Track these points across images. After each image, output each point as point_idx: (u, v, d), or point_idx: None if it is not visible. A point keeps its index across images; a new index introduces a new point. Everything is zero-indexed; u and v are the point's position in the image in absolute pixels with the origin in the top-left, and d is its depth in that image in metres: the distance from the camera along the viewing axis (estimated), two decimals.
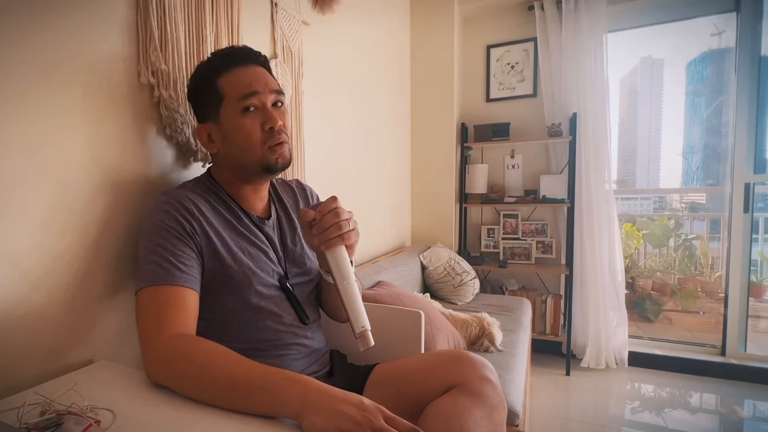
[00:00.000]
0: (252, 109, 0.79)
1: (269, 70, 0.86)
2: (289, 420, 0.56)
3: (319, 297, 0.98)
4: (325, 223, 0.73)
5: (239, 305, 0.79)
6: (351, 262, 0.77)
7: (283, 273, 0.87)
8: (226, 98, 0.79)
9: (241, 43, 1.08)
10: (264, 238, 0.86)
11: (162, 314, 0.67)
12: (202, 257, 0.76)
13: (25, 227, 0.67)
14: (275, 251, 0.87)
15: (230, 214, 0.83)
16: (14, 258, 0.66)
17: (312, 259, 0.94)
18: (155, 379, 0.64)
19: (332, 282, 0.78)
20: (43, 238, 0.69)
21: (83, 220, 0.75)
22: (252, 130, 0.79)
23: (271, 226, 0.90)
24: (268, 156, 0.81)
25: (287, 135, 0.83)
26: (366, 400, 0.55)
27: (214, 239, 0.77)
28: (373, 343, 0.70)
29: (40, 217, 0.69)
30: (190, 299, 0.71)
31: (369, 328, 0.70)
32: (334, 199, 0.75)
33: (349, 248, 0.77)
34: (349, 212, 0.76)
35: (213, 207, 0.81)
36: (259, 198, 0.90)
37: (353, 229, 0.76)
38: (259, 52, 0.85)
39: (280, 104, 0.83)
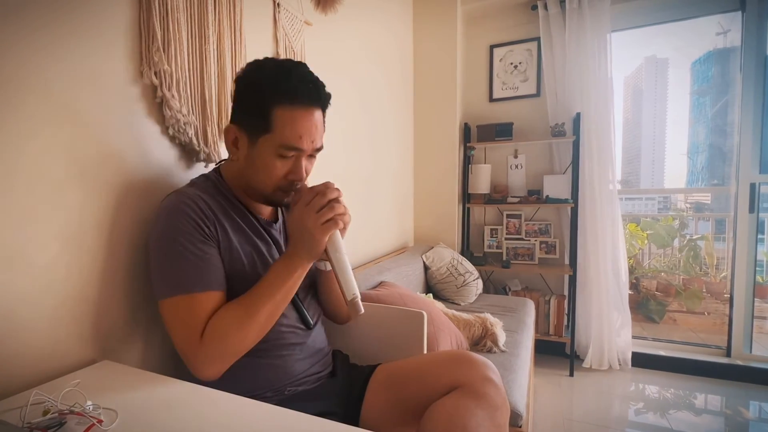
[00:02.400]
0: (288, 157, 0.78)
1: (325, 111, 0.83)
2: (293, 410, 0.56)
3: (318, 297, 0.98)
4: (319, 203, 0.74)
5: None
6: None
7: None
8: (272, 133, 0.75)
9: (243, 44, 1.08)
10: (271, 241, 0.87)
11: (195, 318, 0.70)
12: (221, 257, 0.77)
13: (30, 228, 0.67)
14: (281, 254, 0.88)
15: (239, 217, 0.83)
16: (18, 258, 0.66)
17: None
18: (213, 373, 0.70)
19: (324, 268, 0.85)
20: (46, 239, 0.69)
21: (87, 222, 0.75)
22: (277, 174, 0.79)
23: (277, 229, 0.91)
24: (278, 196, 0.82)
25: (304, 180, 0.82)
26: (296, 226, 0.74)
27: (227, 240, 0.78)
28: (363, 310, 0.74)
29: (44, 218, 0.69)
30: (219, 301, 0.74)
31: (359, 296, 0.74)
32: (328, 183, 0.77)
33: (343, 230, 0.78)
34: (338, 190, 0.77)
35: (223, 208, 0.81)
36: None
37: (346, 213, 0.77)
38: (324, 89, 0.80)
39: (314, 155, 0.84)
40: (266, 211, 0.90)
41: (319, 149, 0.82)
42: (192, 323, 0.70)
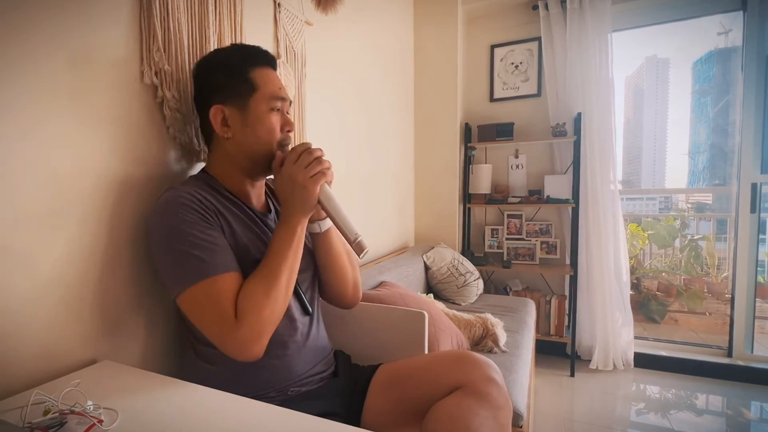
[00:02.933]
0: (277, 110, 0.85)
1: None
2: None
3: (320, 278, 0.97)
4: (306, 159, 0.78)
5: None
6: None
7: None
8: (259, 91, 0.83)
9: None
10: (268, 231, 0.88)
11: (219, 302, 0.69)
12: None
13: (31, 228, 0.67)
14: None
15: (236, 209, 0.84)
16: (19, 258, 0.66)
17: (308, 245, 0.94)
18: (256, 351, 0.70)
19: (318, 230, 0.89)
20: (47, 238, 0.69)
21: (87, 221, 0.75)
22: (275, 128, 0.85)
23: (272, 219, 0.92)
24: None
25: (294, 128, 0.91)
26: (284, 182, 0.78)
27: (229, 228, 0.79)
28: (367, 247, 0.80)
29: (44, 217, 0.69)
30: (237, 282, 0.74)
31: (361, 234, 0.80)
32: (306, 143, 0.81)
33: (329, 183, 0.82)
34: (319, 148, 0.81)
35: (219, 201, 0.82)
36: (257, 194, 0.91)
37: (330, 167, 0.81)
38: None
39: (288, 113, 0.89)
40: (260, 203, 0.92)
41: (291, 104, 0.93)
42: (221, 306, 0.69)
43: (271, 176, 0.96)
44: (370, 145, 2.03)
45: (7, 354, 0.64)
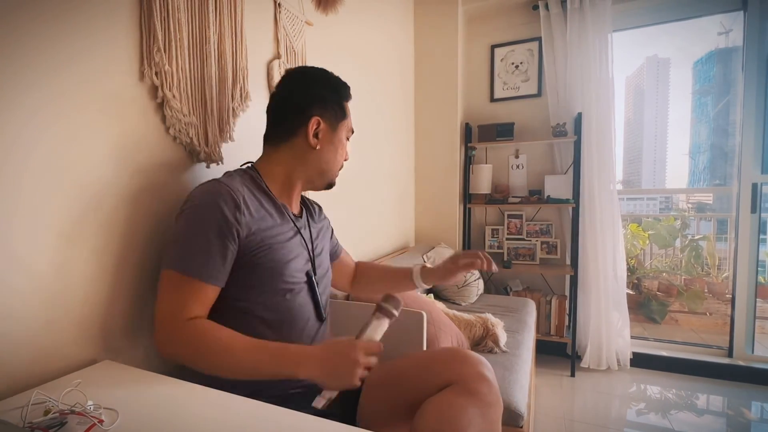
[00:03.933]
0: (347, 140, 0.97)
1: None
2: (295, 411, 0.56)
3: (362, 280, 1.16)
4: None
5: (268, 296, 0.82)
6: None
7: (311, 267, 0.91)
8: (346, 120, 0.95)
9: (243, 44, 1.09)
10: (297, 231, 0.91)
11: (186, 301, 0.72)
12: (241, 247, 0.78)
13: (33, 228, 0.67)
14: (306, 247, 0.92)
15: (273, 208, 0.86)
16: (20, 259, 0.66)
17: (327, 260, 1.02)
18: (168, 354, 0.71)
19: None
20: (48, 238, 0.70)
21: (89, 221, 0.76)
22: (345, 152, 0.97)
23: (303, 224, 0.94)
24: (336, 178, 0.97)
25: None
26: (340, 347, 0.72)
27: (258, 230, 0.80)
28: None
29: (47, 218, 0.69)
30: (213, 294, 0.76)
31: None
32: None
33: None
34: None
35: (258, 200, 0.84)
36: (296, 200, 0.96)
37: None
38: None
39: None
40: (295, 206, 0.96)
41: None
42: (178, 303, 0.72)
43: (311, 190, 0.99)
44: (370, 144, 2.03)
45: (7, 354, 0.65)
